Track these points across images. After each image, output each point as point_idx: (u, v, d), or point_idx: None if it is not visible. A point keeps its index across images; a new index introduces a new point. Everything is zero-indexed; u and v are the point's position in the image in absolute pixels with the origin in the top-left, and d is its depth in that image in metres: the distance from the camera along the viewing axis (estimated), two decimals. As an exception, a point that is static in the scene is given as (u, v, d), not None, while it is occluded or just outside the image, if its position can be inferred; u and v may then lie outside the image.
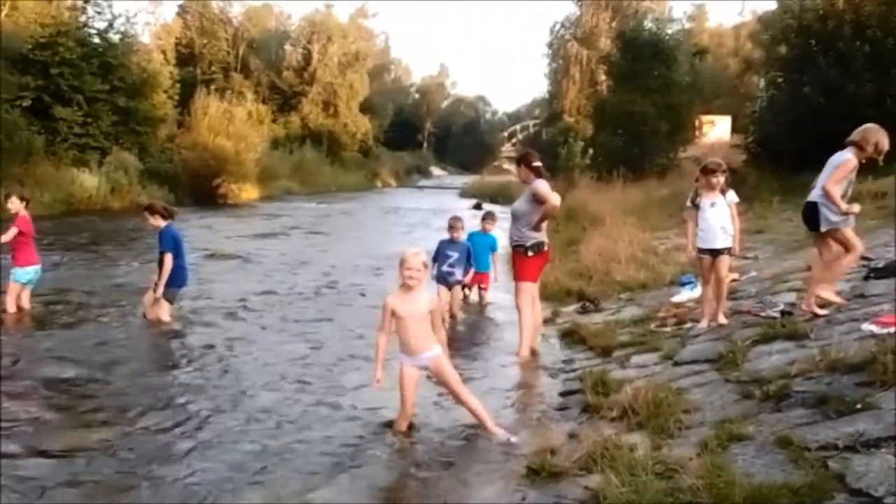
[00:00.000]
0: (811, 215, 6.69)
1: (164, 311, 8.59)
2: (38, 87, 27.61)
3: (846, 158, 6.52)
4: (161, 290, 8.51)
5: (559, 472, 4.19)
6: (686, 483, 3.61)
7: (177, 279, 8.67)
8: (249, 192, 35.40)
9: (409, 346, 5.06)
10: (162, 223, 8.67)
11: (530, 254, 7.17)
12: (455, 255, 9.24)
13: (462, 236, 9.33)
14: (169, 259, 8.48)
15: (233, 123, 34.36)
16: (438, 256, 9.14)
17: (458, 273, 9.24)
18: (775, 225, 13.20)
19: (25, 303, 8.86)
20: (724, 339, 6.28)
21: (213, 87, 39.13)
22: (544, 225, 7.31)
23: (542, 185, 7.08)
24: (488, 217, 10.24)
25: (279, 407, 5.77)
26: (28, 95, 27.01)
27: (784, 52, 19.50)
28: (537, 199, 7.05)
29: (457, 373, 5.24)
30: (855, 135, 6.60)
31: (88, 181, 26.19)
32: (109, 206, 25.95)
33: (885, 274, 7.10)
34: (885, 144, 6.52)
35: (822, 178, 6.63)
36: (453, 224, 9.24)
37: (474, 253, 9.79)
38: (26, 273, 8.76)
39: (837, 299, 6.58)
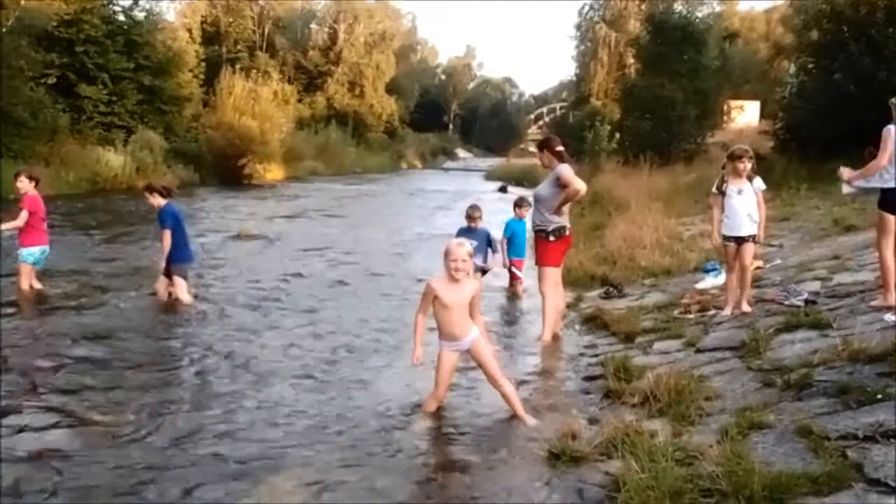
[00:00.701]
0: None
1: (181, 290, 8.71)
2: (63, 65, 27.79)
3: None
4: (162, 263, 8.71)
5: (580, 457, 4.25)
6: (705, 470, 3.65)
7: (182, 255, 8.85)
8: (274, 172, 35.58)
9: (451, 333, 5.11)
10: (161, 201, 8.85)
11: (552, 238, 7.20)
12: (474, 243, 9.28)
13: (480, 224, 9.30)
14: (168, 235, 8.65)
15: (258, 103, 34.45)
16: None
17: (479, 260, 9.31)
18: (802, 213, 13.10)
19: (33, 282, 9.02)
20: (747, 326, 6.28)
21: (238, 66, 39.22)
22: (566, 209, 7.32)
23: (567, 170, 7.10)
24: (523, 203, 10.20)
25: (304, 388, 5.85)
26: (53, 73, 27.19)
27: (815, 38, 19.21)
28: (561, 184, 7.07)
29: (493, 356, 5.28)
30: None
31: (114, 160, 26.40)
32: (135, 185, 25.89)
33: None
34: None
35: None
36: (471, 214, 9.25)
37: (515, 239, 9.86)
38: (31, 253, 8.90)
39: None
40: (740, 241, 6.94)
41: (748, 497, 3.32)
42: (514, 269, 9.97)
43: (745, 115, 33.24)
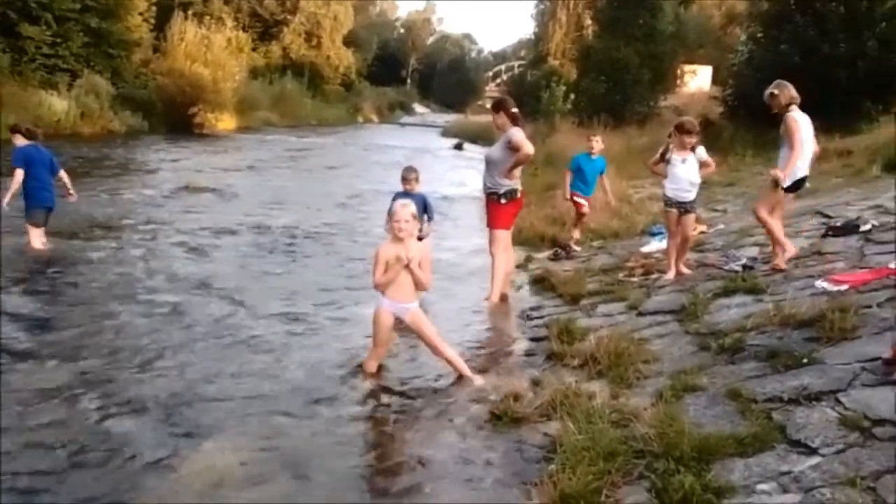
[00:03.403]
0: None
1: (35, 237, 8.73)
2: (3, 3, 26.43)
3: None
4: (5, 202, 8.66)
5: (521, 418, 4.37)
6: (639, 432, 3.78)
7: (36, 200, 8.80)
8: (226, 122, 35.04)
9: (393, 292, 5.17)
10: (23, 142, 8.90)
11: (503, 201, 7.28)
12: None
13: (417, 188, 8.43)
14: (16, 175, 8.63)
15: (211, 50, 33.73)
16: None
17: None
18: (747, 178, 13.38)
19: None
20: (688, 291, 6.47)
21: (190, 11, 38.10)
22: (518, 172, 7.39)
23: (518, 133, 7.17)
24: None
25: (243, 348, 5.85)
26: (-8, 11, 26.10)
27: (765, 8, 19.45)
28: (512, 147, 7.15)
29: (431, 325, 5.34)
30: None
31: (57, 104, 25.60)
32: (79, 131, 25.35)
33: (843, 232, 7.31)
34: None
35: None
36: (406, 176, 8.27)
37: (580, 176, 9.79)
38: None
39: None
40: (682, 208, 7.14)
41: (677, 458, 3.45)
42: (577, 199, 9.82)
43: (698, 79, 33.58)
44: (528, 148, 7.14)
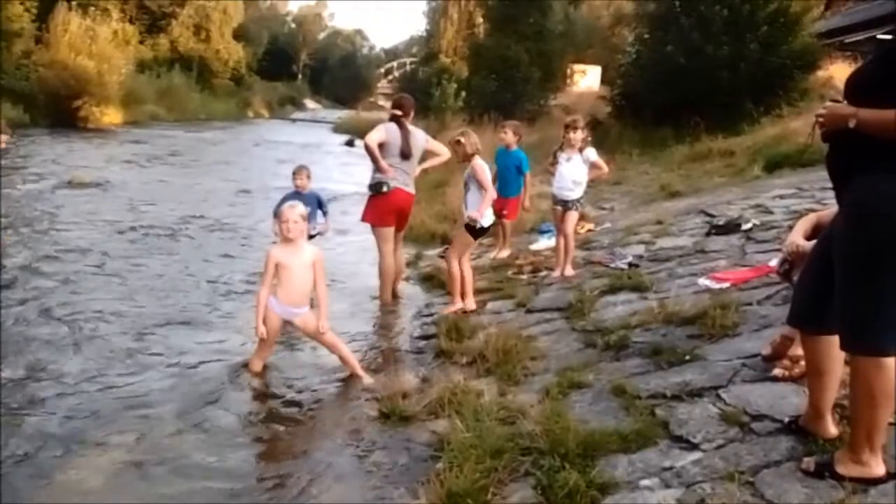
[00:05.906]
0: None
1: None
2: None
3: None
4: None
5: (409, 417, 4.33)
6: (526, 429, 3.78)
7: None
8: (112, 116, 33.60)
9: (284, 294, 5.07)
10: None
11: (370, 193, 7.26)
12: (308, 208, 8.60)
13: (308, 186, 8.03)
14: None
15: (96, 42, 32.42)
16: None
17: (310, 227, 8.70)
18: (633, 177, 13.70)
19: None
20: (576, 288, 6.54)
21: (74, 1, 36.41)
22: (397, 167, 7.26)
23: (376, 127, 7.29)
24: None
25: (126, 348, 5.63)
26: None
27: (651, 9, 20.00)
28: None
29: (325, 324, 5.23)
30: None
31: (-69, 97, 24.05)
32: (-47, 124, 23.88)
33: (725, 231, 7.51)
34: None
35: None
36: (298, 172, 7.93)
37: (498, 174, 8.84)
38: None
39: None
40: (564, 206, 7.26)
41: (563, 454, 3.44)
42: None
43: (587, 79, 34.21)
44: (367, 138, 7.17)
